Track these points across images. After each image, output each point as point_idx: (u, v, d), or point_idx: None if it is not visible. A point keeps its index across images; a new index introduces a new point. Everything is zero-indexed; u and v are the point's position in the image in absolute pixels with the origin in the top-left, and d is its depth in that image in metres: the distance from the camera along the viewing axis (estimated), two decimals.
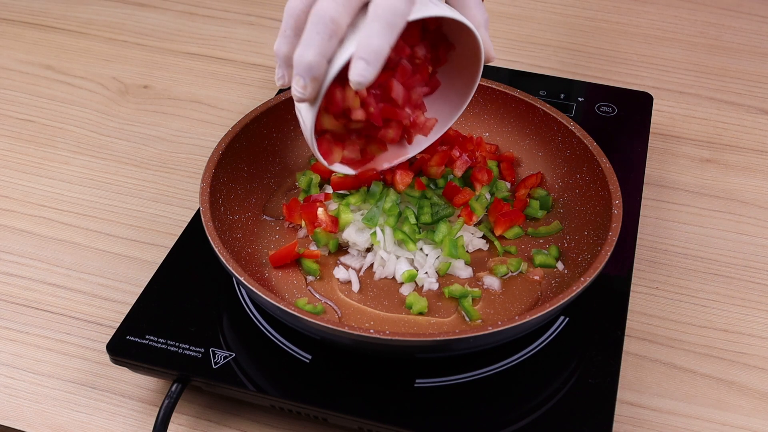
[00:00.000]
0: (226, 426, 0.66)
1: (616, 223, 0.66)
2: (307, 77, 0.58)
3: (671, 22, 1.13)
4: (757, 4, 1.16)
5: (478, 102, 0.81)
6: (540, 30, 1.11)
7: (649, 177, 0.87)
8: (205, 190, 0.69)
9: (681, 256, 0.79)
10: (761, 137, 0.93)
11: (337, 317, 0.68)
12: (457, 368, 0.63)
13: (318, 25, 0.56)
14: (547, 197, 0.76)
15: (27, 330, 0.73)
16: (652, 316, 0.73)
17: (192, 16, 1.13)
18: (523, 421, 0.60)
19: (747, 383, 0.68)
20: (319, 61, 0.57)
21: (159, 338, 0.65)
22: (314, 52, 0.57)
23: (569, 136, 0.76)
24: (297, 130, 0.80)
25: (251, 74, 1.02)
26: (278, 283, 0.70)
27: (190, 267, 0.71)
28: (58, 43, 1.08)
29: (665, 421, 0.66)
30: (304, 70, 0.58)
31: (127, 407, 0.67)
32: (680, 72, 1.03)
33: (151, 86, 1.00)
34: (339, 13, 0.56)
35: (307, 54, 0.57)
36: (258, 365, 0.64)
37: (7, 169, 0.89)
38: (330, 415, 0.61)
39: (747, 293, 0.75)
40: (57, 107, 0.97)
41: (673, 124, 0.95)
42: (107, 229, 0.82)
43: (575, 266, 0.70)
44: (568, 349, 0.65)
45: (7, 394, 0.68)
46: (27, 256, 0.79)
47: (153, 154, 0.91)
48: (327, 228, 0.71)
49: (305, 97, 0.59)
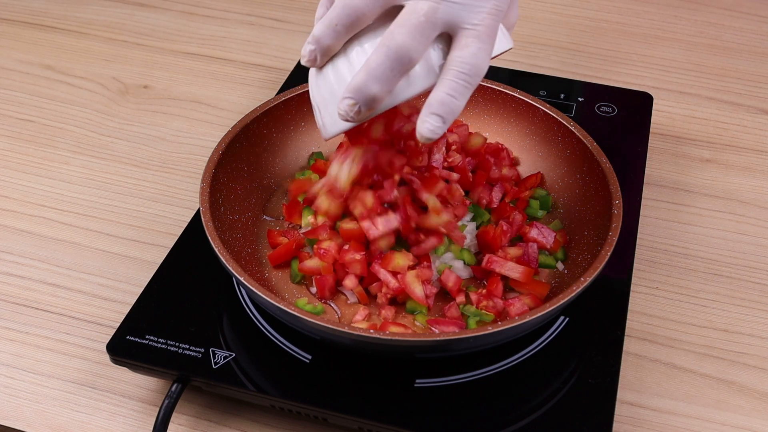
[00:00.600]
0: (226, 426, 0.66)
1: (616, 223, 0.66)
2: (365, 106, 0.56)
3: (671, 22, 1.13)
4: (757, 4, 1.16)
5: (478, 102, 0.81)
6: (540, 30, 1.11)
7: (649, 177, 0.87)
8: (205, 190, 0.69)
9: (681, 256, 0.79)
10: (761, 137, 0.93)
11: (337, 317, 0.68)
12: (457, 368, 0.63)
13: (393, 61, 0.54)
14: (547, 197, 0.76)
15: (27, 330, 0.73)
16: (652, 316, 0.73)
17: (192, 16, 1.13)
18: (523, 421, 0.60)
19: (747, 383, 0.68)
20: (383, 96, 0.56)
21: (159, 338, 0.65)
22: (382, 88, 0.55)
23: (569, 136, 0.76)
24: (297, 130, 0.80)
25: (251, 74, 1.02)
26: (278, 283, 0.70)
27: (190, 267, 0.71)
28: (58, 43, 1.08)
29: (665, 421, 0.66)
30: (364, 101, 0.56)
31: (127, 407, 0.67)
32: (680, 72, 1.03)
33: (151, 86, 1.00)
34: (416, 50, 0.55)
35: (374, 88, 0.55)
36: (258, 365, 0.64)
37: (7, 169, 0.89)
38: (330, 415, 0.61)
39: (747, 293, 0.75)
40: (57, 107, 0.97)
41: (673, 124, 0.95)
42: (107, 229, 0.82)
43: (575, 266, 0.70)
44: (568, 349, 0.65)
45: (7, 394, 0.68)
46: (27, 256, 0.79)
47: (153, 154, 0.91)
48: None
49: (354, 120, 0.57)
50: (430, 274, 0.67)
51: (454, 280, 0.67)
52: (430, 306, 0.67)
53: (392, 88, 0.56)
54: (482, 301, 0.67)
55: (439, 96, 0.55)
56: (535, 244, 0.70)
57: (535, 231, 0.71)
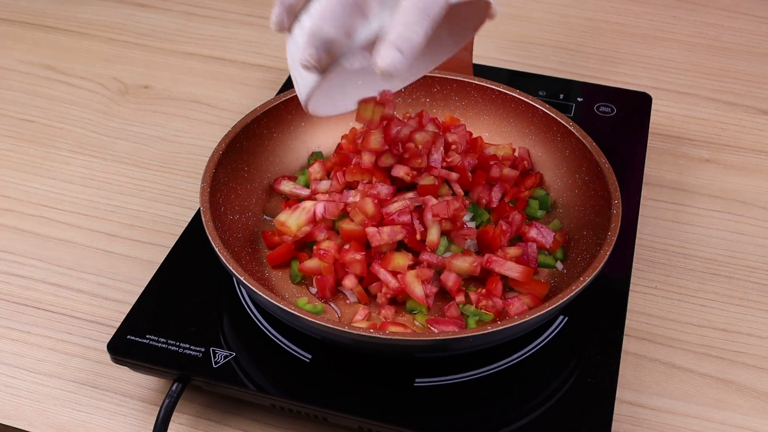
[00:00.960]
0: (226, 425, 0.66)
1: (615, 223, 0.66)
2: (323, 51, 0.54)
3: (670, 22, 1.13)
4: (756, 5, 1.16)
5: (477, 102, 0.81)
6: (539, 30, 1.11)
7: (648, 177, 0.87)
8: (205, 190, 0.69)
9: (680, 256, 0.79)
10: (760, 137, 0.93)
11: (337, 317, 0.68)
12: (456, 368, 0.63)
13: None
14: (546, 197, 0.76)
15: (28, 330, 0.73)
16: (651, 315, 0.73)
17: (192, 16, 1.14)
18: (523, 420, 0.61)
19: (746, 382, 0.69)
20: (338, 37, 0.54)
21: (159, 338, 0.65)
22: (336, 29, 0.53)
23: (568, 137, 0.76)
24: (297, 130, 0.80)
25: (251, 74, 1.03)
26: (278, 282, 0.70)
27: (190, 267, 0.71)
28: (58, 44, 1.08)
29: (664, 420, 0.66)
30: (320, 44, 0.54)
31: (128, 406, 0.67)
32: (679, 72, 1.03)
33: (152, 86, 1.01)
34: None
35: (328, 29, 0.53)
36: (258, 365, 0.64)
37: (7, 169, 0.89)
38: (330, 414, 0.61)
39: (746, 293, 0.76)
40: (57, 107, 0.97)
41: (672, 124, 0.95)
42: (108, 229, 0.82)
43: (574, 266, 0.70)
44: (568, 348, 0.66)
45: (8, 394, 0.68)
46: (28, 255, 0.79)
47: (153, 154, 0.91)
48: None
49: (316, 68, 0.55)
50: (430, 274, 0.67)
51: (453, 280, 0.67)
52: (429, 306, 0.68)
53: (348, 29, 0.54)
54: (482, 300, 0.67)
55: (395, 28, 0.53)
56: (535, 243, 0.70)
57: (534, 231, 0.71)
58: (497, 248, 0.69)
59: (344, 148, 0.76)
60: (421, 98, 0.82)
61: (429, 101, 0.82)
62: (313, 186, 0.75)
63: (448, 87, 0.81)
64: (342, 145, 0.77)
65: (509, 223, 0.71)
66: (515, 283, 0.68)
